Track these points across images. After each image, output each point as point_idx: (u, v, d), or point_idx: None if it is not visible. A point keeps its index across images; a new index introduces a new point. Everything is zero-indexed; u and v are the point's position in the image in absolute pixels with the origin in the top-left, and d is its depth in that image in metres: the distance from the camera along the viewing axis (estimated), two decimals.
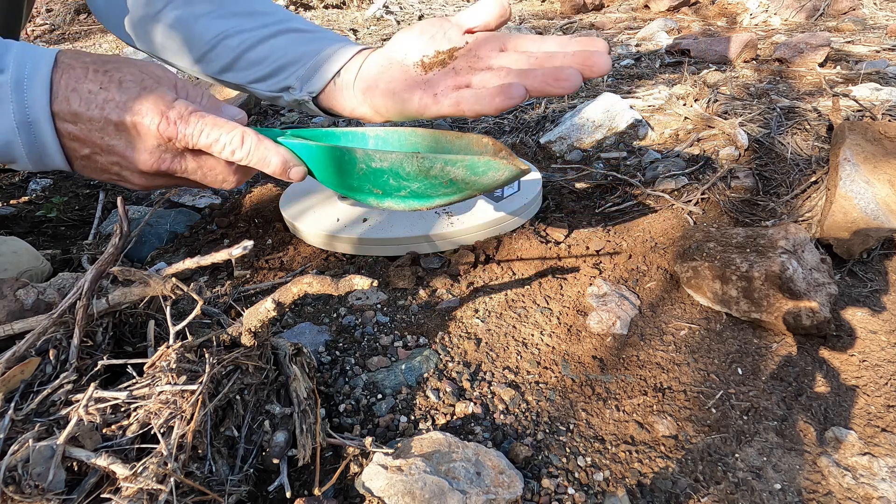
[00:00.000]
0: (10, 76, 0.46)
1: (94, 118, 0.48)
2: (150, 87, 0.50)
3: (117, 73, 0.49)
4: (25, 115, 0.47)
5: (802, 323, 0.67)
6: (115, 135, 0.49)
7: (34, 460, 0.41)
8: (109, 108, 0.48)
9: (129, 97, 0.48)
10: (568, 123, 1.22)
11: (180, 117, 0.49)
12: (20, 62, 0.47)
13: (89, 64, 0.49)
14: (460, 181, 0.55)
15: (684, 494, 0.52)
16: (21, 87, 0.46)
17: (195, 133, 0.50)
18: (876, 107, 1.19)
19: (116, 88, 0.48)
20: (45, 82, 0.46)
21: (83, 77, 0.48)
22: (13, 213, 1.07)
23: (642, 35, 2.33)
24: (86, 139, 0.49)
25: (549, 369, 0.65)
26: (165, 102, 0.50)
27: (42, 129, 0.47)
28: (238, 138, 0.52)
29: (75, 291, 0.52)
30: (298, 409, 0.52)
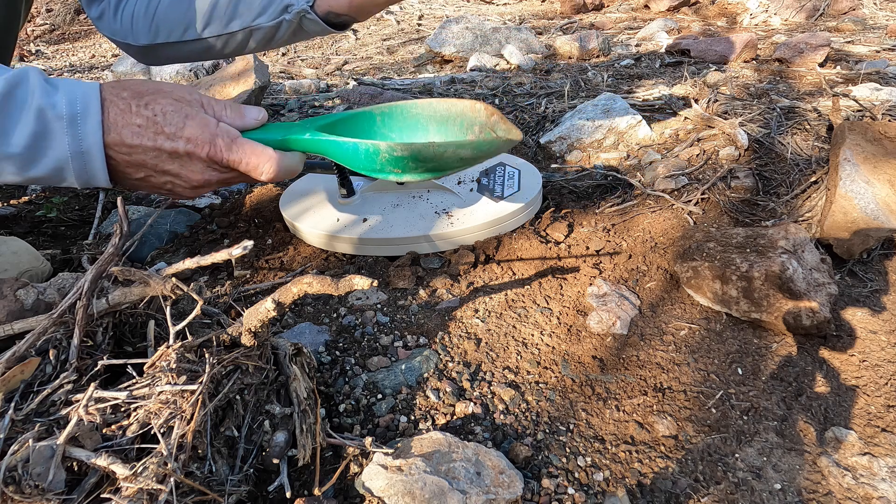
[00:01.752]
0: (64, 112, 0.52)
1: (148, 148, 0.55)
2: (192, 115, 0.57)
3: (157, 105, 0.55)
4: (79, 146, 0.53)
5: (802, 323, 0.67)
6: (169, 160, 0.57)
7: (34, 460, 0.41)
8: (161, 140, 0.55)
9: (177, 128, 0.56)
10: (568, 123, 1.22)
11: (226, 145, 0.58)
12: (71, 100, 0.53)
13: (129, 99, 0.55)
14: (469, 158, 0.64)
15: (684, 494, 0.52)
16: (75, 123, 0.52)
17: (238, 159, 0.60)
18: (876, 107, 1.19)
19: (162, 120, 0.55)
20: (96, 119, 0.53)
21: (128, 112, 0.54)
22: (13, 213, 1.07)
23: (642, 35, 2.33)
24: (141, 164, 0.56)
25: (549, 369, 0.65)
26: (210, 131, 0.57)
27: (94, 157, 0.54)
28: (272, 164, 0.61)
29: (75, 291, 0.52)
30: (298, 409, 0.52)
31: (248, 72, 1.49)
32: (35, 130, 0.52)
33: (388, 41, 2.84)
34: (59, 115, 0.52)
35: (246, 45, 0.89)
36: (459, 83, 1.77)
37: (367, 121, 0.71)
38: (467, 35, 2.27)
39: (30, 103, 0.52)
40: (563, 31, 2.63)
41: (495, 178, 0.97)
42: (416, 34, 2.92)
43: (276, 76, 2.30)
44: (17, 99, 0.51)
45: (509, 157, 1.05)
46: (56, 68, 2.72)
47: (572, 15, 3.08)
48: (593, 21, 2.82)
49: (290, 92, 1.82)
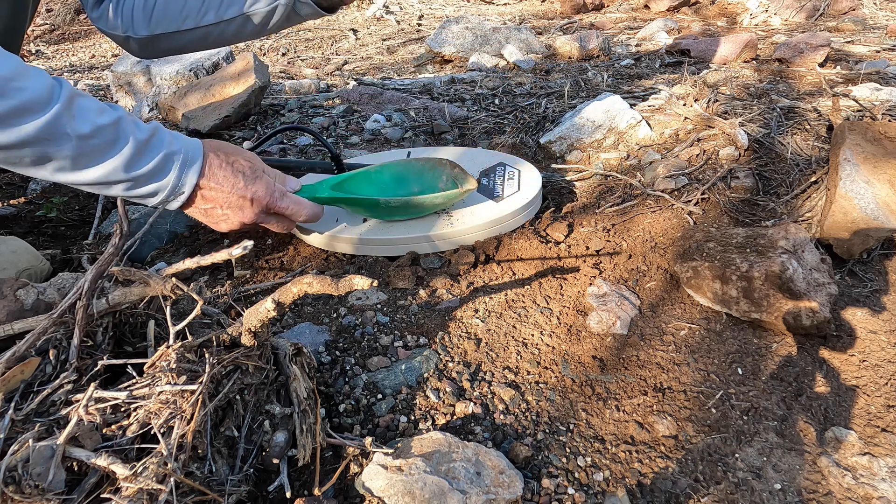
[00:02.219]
0: (181, 159, 0.70)
1: (226, 191, 0.74)
2: (260, 176, 0.76)
3: (238, 164, 0.75)
4: (179, 181, 0.70)
5: (802, 323, 0.67)
6: (236, 203, 0.75)
7: (34, 460, 0.41)
8: (236, 189, 0.74)
9: (246, 182, 0.75)
10: (568, 123, 1.22)
11: (280, 197, 0.77)
12: (186, 150, 0.71)
13: (221, 158, 0.74)
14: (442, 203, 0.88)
15: (684, 494, 0.52)
16: (185, 166, 0.71)
17: (285, 207, 0.78)
18: (876, 107, 1.19)
19: (241, 177, 0.75)
20: (199, 167, 0.72)
21: (218, 166, 0.73)
22: (13, 213, 1.07)
23: (642, 35, 2.33)
24: (213, 201, 0.74)
25: (549, 369, 0.65)
26: (271, 187, 0.77)
27: (185, 192, 0.71)
28: (308, 210, 0.80)
29: (75, 291, 0.52)
30: (298, 409, 0.52)
31: (248, 72, 1.49)
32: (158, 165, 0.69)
33: (388, 41, 2.84)
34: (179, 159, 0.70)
35: (242, 31, 0.95)
36: (459, 83, 1.77)
37: (366, 177, 0.91)
38: (467, 35, 2.27)
39: (163, 148, 0.69)
40: (563, 31, 2.63)
41: (495, 178, 0.97)
42: (416, 34, 2.93)
43: (276, 76, 2.30)
44: (156, 143, 0.69)
45: (509, 157, 1.05)
46: (56, 68, 2.72)
47: (572, 15, 3.09)
48: (593, 21, 2.82)
49: (290, 92, 1.82)
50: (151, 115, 1.67)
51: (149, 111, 1.69)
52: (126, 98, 1.83)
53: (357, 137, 1.34)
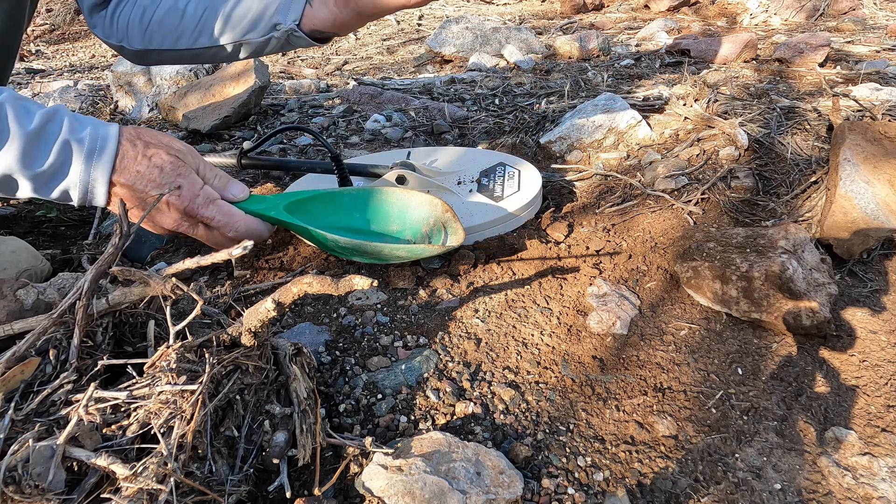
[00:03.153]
0: (85, 147, 0.62)
1: (139, 191, 0.65)
2: (183, 175, 0.67)
3: (158, 159, 0.65)
4: (88, 176, 0.63)
5: (802, 323, 0.67)
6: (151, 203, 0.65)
7: (34, 460, 0.41)
8: (151, 187, 0.65)
9: (167, 182, 0.65)
10: (568, 123, 1.22)
11: (203, 204, 0.68)
12: (93, 137, 0.63)
13: (138, 148, 0.65)
14: (405, 257, 0.75)
15: (684, 494, 0.52)
16: (91, 158, 0.63)
17: (210, 216, 0.69)
18: (876, 107, 1.19)
19: (159, 173, 0.65)
20: (110, 158, 0.63)
21: (134, 160, 0.64)
22: (13, 213, 1.07)
23: (642, 35, 2.33)
24: (127, 199, 0.66)
25: (549, 369, 0.65)
26: (195, 191, 0.67)
27: (98, 188, 0.64)
28: (241, 225, 0.71)
29: (75, 291, 0.52)
30: (298, 409, 0.52)
31: (248, 72, 1.49)
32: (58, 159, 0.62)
33: (388, 41, 2.84)
34: (80, 148, 0.62)
35: (236, 56, 0.94)
36: (459, 83, 1.77)
37: (335, 201, 0.81)
38: (467, 35, 2.27)
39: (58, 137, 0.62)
40: (563, 31, 2.63)
41: (495, 178, 0.97)
42: (416, 34, 2.93)
43: (276, 76, 2.30)
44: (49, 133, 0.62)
45: (509, 157, 1.05)
46: (56, 68, 2.72)
47: (572, 15, 3.09)
48: (593, 21, 2.82)
49: (290, 92, 1.82)
50: (151, 115, 1.67)
51: (149, 111, 1.69)
52: (126, 98, 1.83)
53: (357, 137, 1.34)
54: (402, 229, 0.80)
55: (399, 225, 0.80)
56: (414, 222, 0.79)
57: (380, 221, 0.80)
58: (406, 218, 0.80)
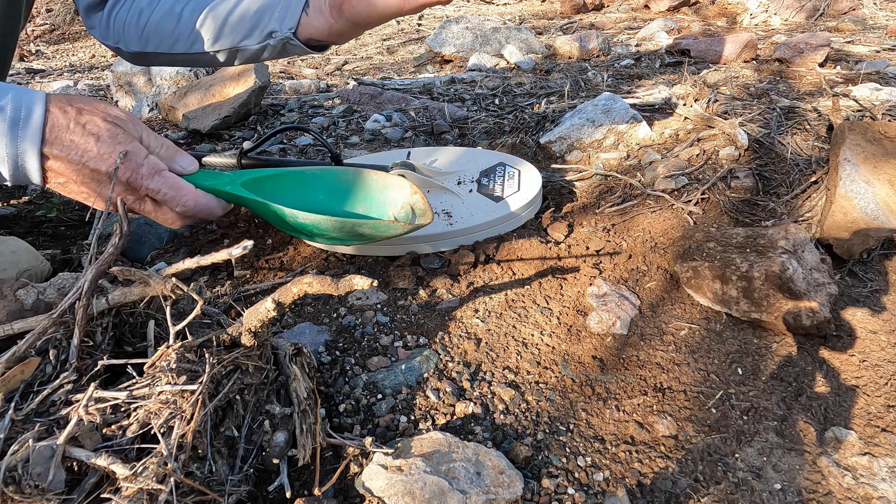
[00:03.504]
0: (7, 116, 0.56)
1: (74, 162, 0.59)
2: (123, 143, 0.60)
3: (94, 126, 0.59)
4: (16, 149, 0.57)
5: (802, 323, 0.67)
6: (90, 176, 0.60)
7: (34, 460, 0.41)
8: (87, 158, 0.59)
9: (105, 151, 0.59)
10: (568, 123, 1.22)
11: (148, 174, 0.62)
12: (16, 105, 0.56)
13: (71, 117, 0.59)
14: (368, 235, 0.68)
15: (684, 494, 0.52)
16: (16, 127, 0.56)
17: (155, 189, 0.63)
18: (876, 107, 1.19)
19: (94, 142, 0.59)
20: (38, 127, 0.57)
21: (66, 128, 0.58)
22: (13, 213, 1.07)
23: (642, 35, 2.33)
24: (63, 174, 0.60)
25: (549, 369, 0.65)
26: (138, 160, 0.61)
27: (29, 162, 0.58)
28: (190, 199, 0.65)
29: (75, 291, 0.52)
30: (298, 409, 0.52)
31: (248, 72, 1.49)
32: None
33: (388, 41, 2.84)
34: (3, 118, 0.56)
35: (231, 62, 0.94)
36: (459, 83, 1.77)
37: (297, 180, 0.75)
38: (467, 35, 2.27)
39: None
40: (563, 31, 2.63)
41: (495, 178, 0.97)
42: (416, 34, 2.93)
43: (275, 76, 2.30)
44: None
45: (509, 157, 1.05)
46: (56, 68, 2.72)
47: (572, 15, 3.09)
48: (593, 21, 2.82)
49: (290, 92, 1.82)
50: (152, 115, 1.67)
51: (149, 111, 1.69)
52: (126, 98, 1.83)
53: (357, 137, 1.34)
54: (369, 211, 0.75)
55: (365, 207, 0.75)
56: (381, 204, 0.75)
57: (345, 203, 0.76)
58: (373, 200, 0.76)
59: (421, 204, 0.73)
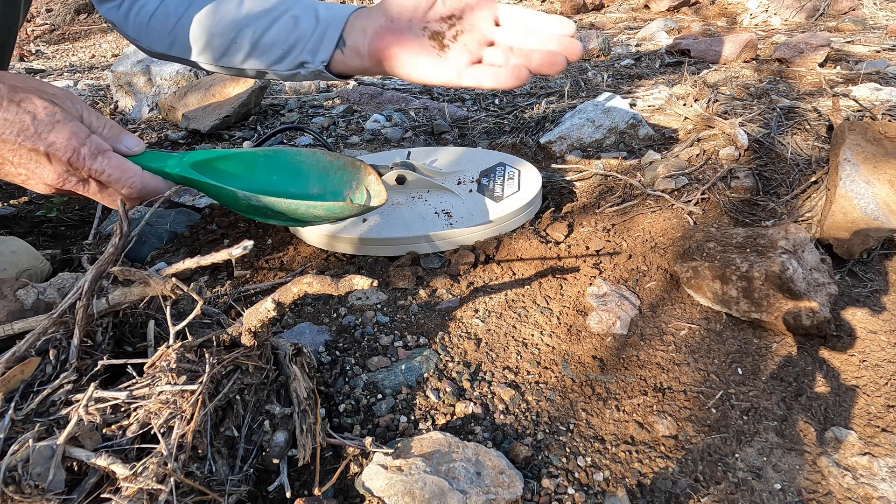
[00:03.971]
0: None
1: (9, 141, 0.56)
2: (63, 121, 0.58)
3: (30, 104, 0.56)
4: None
5: (802, 323, 0.67)
6: (27, 156, 0.57)
7: (34, 460, 0.41)
8: (24, 137, 0.56)
9: (43, 129, 0.56)
10: (568, 123, 1.22)
11: (90, 155, 0.59)
12: None
13: (3, 94, 0.56)
14: (323, 216, 0.69)
15: (684, 494, 0.52)
16: None
17: (100, 170, 0.60)
18: (876, 107, 1.19)
19: (31, 120, 0.56)
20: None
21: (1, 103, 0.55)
22: (13, 213, 1.07)
23: (642, 35, 2.33)
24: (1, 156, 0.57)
25: (549, 369, 0.65)
26: (79, 139, 0.58)
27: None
28: (137, 181, 0.63)
29: (75, 291, 0.52)
30: (298, 409, 0.52)
31: None
32: None
33: None
34: None
35: (260, 78, 0.92)
36: None
37: (249, 161, 0.74)
38: None
39: None
40: None
41: (495, 178, 0.97)
42: None
43: None
44: None
45: (509, 157, 1.05)
46: (56, 68, 2.72)
47: (572, 15, 3.09)
48: (593, 21, 2.82)
49: (290, 92, 1.82)
50: (152, 115, 1.67)
51: (149, 111, 1.69)
52: (126, 98, 1.83)
53: (357, 137, 1.34)
54: (323, 192, 0.75)
55: (320, 188, 0.75)
56: (335, 185, 0.75)
57: (299, 184, 0.75)
58: (327, 180, 0.75)
59: (375, 185, 0.73)
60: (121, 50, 3.04)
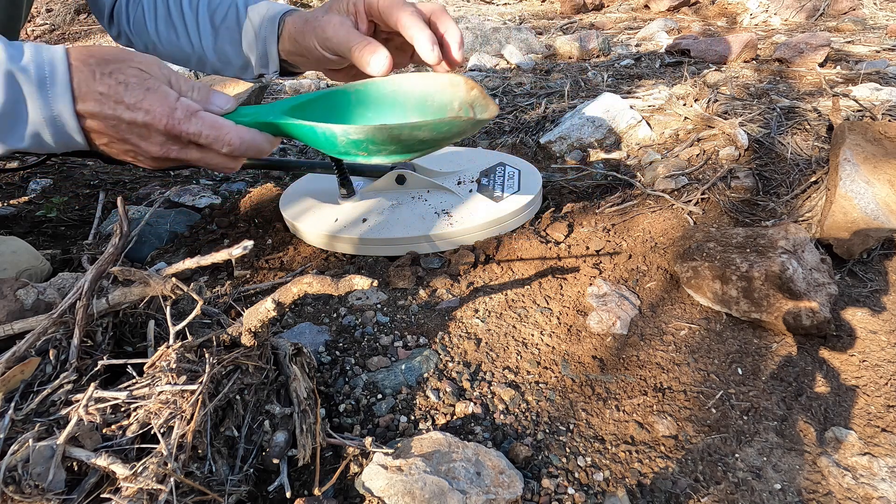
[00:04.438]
0: (32, 77, 0.53)
1: (109, 117, 0.56)
2: (154, 88, 0.57)
3: (121, 74, 0.56)
4: (50, 111, 0.54)
5: (802, 323, 0.67)
6: (128, 130, 0.57)
7: (34, 460, 0.41)
8: (121, 110, 0.56)
9: (136, 99, 0.56)
10: (568, 123, 1.22)
11: (184, 118, 0.58)
12: (38, 63, 0.53)
13: (94, 66, 0.55)
14: (429, 140, 0.62)
15: (684, 494, 0.52)
16: (44, 87, 0.53)
17: (196, 132, 0.59)
18: (876, 107, 1.19)
19: (124, 90, 0.56)
20: (65, 83, 0.54)
21: (93, 79, 0.55)
22: (13, 213, 1.07)
23: (642, 35, 2.33)
24: (103, 132, 0.57)
25: (549, 369, 0.65)
26: (170, 104, 0.57)
27: (67, 122, 0.55)
28: (233, 137, 0.61)
29: (75, 291, 0.52)
30: (298, 409, 0.52)
31: None
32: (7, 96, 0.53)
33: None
34: (28, 79, 0.53)
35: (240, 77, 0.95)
36: None
37: (341, 99, 0.70)
38: (467, 35, 2.26)
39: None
40: (563, 31, 2.63)
41: (495, 178, 0.97)
42: None
43: None
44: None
45: (509, 157, 1.05)
46: None
47: (572, 15, 3.09)
48: (593, 21, 2.82)
49: (291, 92, 1.82)
50: None
51: None
52: None
53: None
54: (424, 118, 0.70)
55: (419, 115, 0.70)
56: (436, 109, 0.69)
57: (396, 115, 0.70)
58: (426, 106, 0.70)
59: (481, 99, 0.66)
60: None
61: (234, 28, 0.84)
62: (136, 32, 0.93)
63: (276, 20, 0.80)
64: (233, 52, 0.85)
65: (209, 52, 0.87)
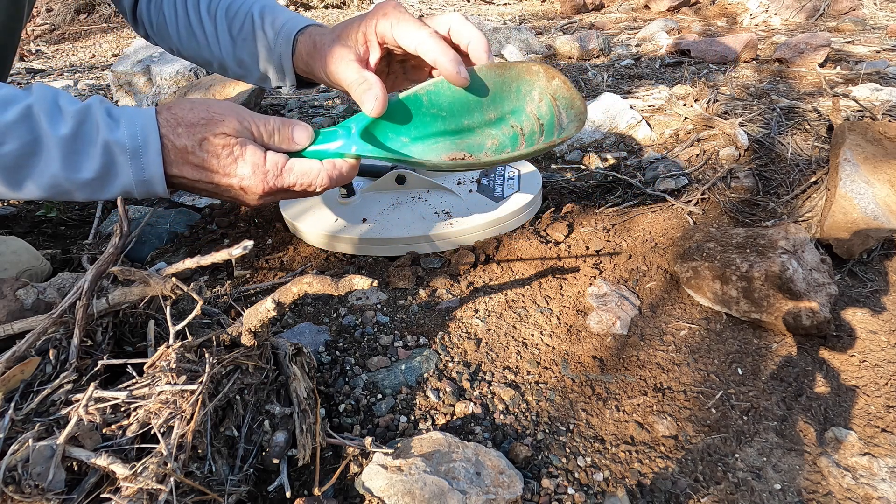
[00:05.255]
0: (127, 146, 0.59)
1: (207, 182, 0.62)
2: (241, 155, 0.61)
3: (209, 144, 0.60)
4: (142, 175, 0.60)
5: (802, 323, 0.67)
6: (226, 190, 0.63)
7: (34, 460, 0.41)
8: (217, 178, 0.61)
9: (229, 169, 0.61)
10: None
11: (275, 177, 0.63)
12: (132, 134, 0.59)
13: (184, 137, 0.60)
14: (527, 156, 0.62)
15: (684, 494, 0.52)
16: (138, 156, 0.59)
17: (292, 182, 0.63)
18: (876, 107, 1.19)
19: (216, 162, 0.60)
20: (156, 152, 0.59)
21: (186, 151, 0.60)
22: (13, 213, 1.07)
23: (642, 35, 2.33)
24: (202, 191, 0.64)
25: (549, 369, 0.65)
26: (260, 168, 0.62)
27: (156, 183, 0.61)
28: (324, 178, 0.65)
29: (75, 291, 0.52)
30: (298, 409, 0.52)
31: None
32: (103, 162, 0.59)
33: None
34: (123, 149, 0.59)
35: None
36: None
37: (414, 107, 0.67)
38: None
39: (97, 139, 0.58)
40: (563, 31, 2.63)
41: (495, 178, 0.97)
42: None
43: None
44: (86, 136, 0.58)
45: None
46: (56, 68, 2.72)
47: (572, 15, 3.09)
48: (593, 21, 2.82)
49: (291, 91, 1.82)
50: None
51: None
52: (126, 98, 1.83)
53: None
54: (502, 115, 0.65)
55: (496, 111, 0.65)
56: (515, 104, 0.64)
57: (472, 114, 0.66)
58: (503, 100, 0.64)
59: (564, 92, 0.60)
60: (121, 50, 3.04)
61: (251, 40, 0.83)
62: (160, 37, 0.94)
63: (290, 40, 0.79)
64: (251, 63, 0.85)
65: (229, 61, 0.87)
